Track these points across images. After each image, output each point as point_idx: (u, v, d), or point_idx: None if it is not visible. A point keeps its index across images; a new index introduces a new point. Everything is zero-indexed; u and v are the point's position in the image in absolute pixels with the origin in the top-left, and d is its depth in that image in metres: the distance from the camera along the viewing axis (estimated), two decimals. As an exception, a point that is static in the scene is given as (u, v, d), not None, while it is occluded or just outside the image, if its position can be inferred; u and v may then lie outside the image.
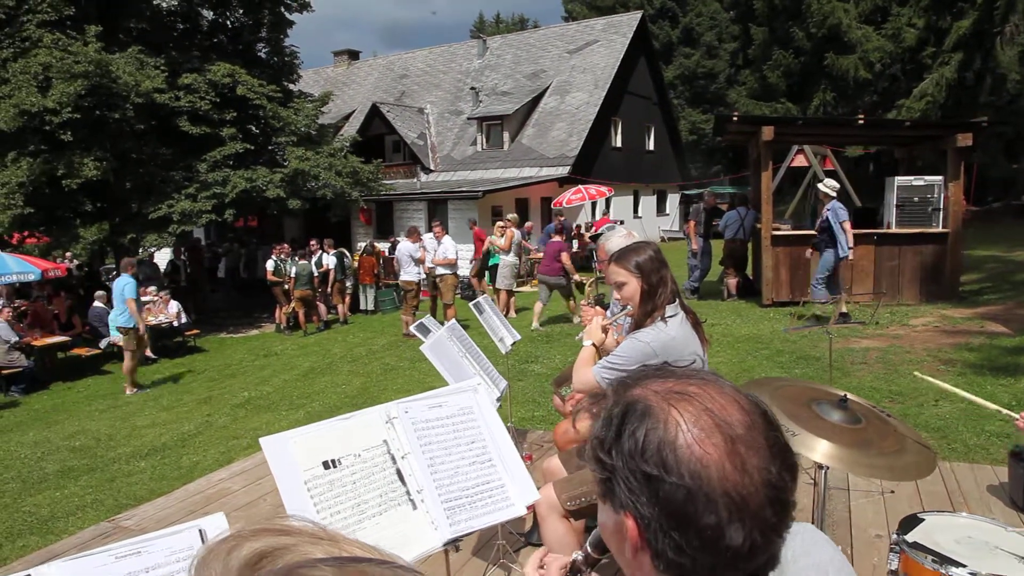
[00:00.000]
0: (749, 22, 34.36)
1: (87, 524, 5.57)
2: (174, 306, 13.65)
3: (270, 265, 14.53)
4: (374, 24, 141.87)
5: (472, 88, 26.19)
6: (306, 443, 2.09)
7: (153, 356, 12.95)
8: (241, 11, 18.06)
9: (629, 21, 26.57)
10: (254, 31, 18.42)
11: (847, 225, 10.03)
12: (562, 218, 19.14)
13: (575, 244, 19.75)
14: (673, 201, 31.17)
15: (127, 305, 10.43)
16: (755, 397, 0.85)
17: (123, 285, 10.49)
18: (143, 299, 13.73)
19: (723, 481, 0.77)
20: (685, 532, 0.78)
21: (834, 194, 10.27)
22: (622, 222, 23.14)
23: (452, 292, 12.55)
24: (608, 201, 24.17)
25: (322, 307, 14.79)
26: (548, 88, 25.19)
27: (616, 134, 26.04)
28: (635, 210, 27.58)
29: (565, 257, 11.80)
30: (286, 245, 15.29)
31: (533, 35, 29.23)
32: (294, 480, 1.98)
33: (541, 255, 12.72)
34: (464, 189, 20.14)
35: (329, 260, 14.75)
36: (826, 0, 27.82)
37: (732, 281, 13.01)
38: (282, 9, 18.30)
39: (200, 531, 1.73)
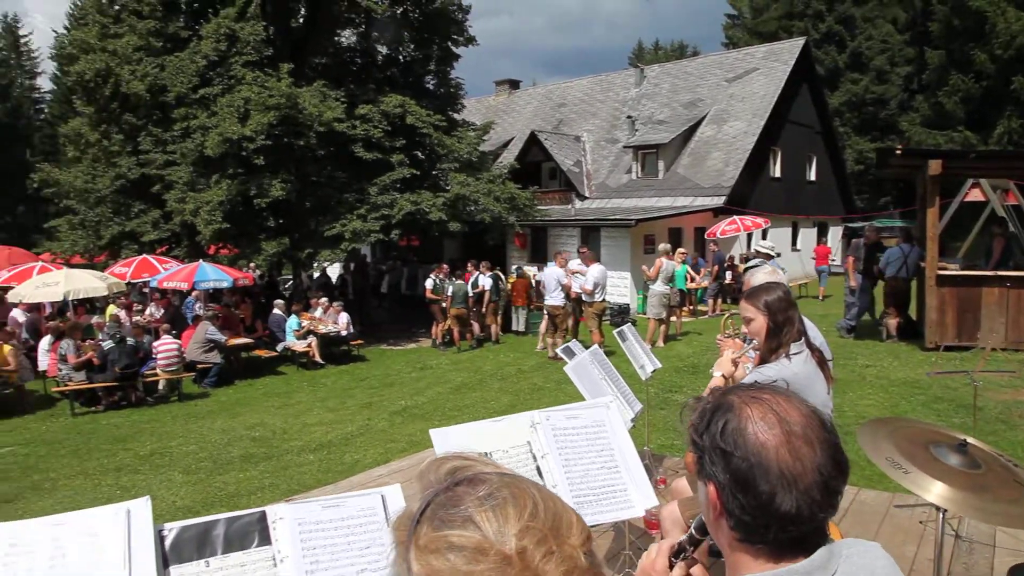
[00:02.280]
0: (924, 45, 32.45)
1: (266, 503, 6.32)
2: (344, 317, 14.81)
3: (429, 283, 15.45)
4: (534, 53, 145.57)
5: (628, 117, 26.49)
6: (465, 436, 2.49)
7: (321, 362, 14.12)
8: (412, 46, 19.44)
9: (791, 48, 25.92)
10: (423, 64, 19.74)
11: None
12: (715, 248, 19.05)
13: (728, 275, 19.49)
14: (835, 234, 29.85)
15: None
16: (818, 410, 1.17)
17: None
18: (315, 309, 15.05)
19: (778, 461, 1.09)
20: (747, 495, 1.10)
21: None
22: (779, 254, 22.49)
23: (596, 319, 12.83)
24: (764, 233, 23.59)
25: (476, 326, 15.51)
26: (705, 117, 25.03)
27: (775, 164, 25.39)
28: (793, 243, 26.68)
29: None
30: (445, 265, 16.18)
31: (691, 64, 29.16)
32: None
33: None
34: (617, 217, 20.40)
35: (485, 281, 15.46)
36: (1015, 19, 25.83)
37: (892, 322, 12.42)
38: (449, 44, 19.53)
39: (382, 496, 2.13)
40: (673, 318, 14.35)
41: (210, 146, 14.72)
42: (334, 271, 22.61)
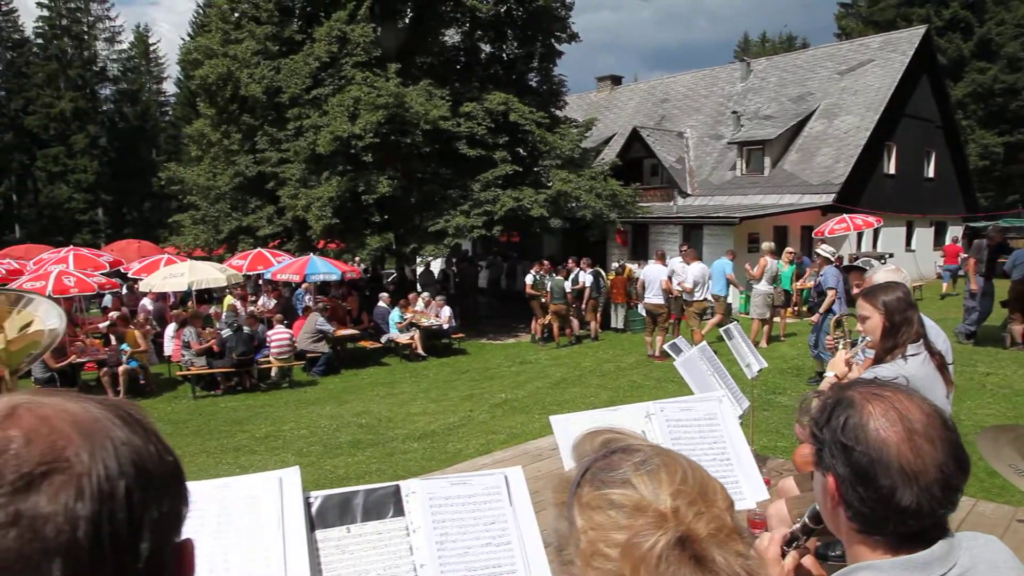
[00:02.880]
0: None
1: (375, 488, 6.57)
2: (446, 311, 15.14)
3: (529, 279, 15.58)
4: (636, 48, 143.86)
5: (733, 112, 25.85)
6: (583, 424, 2.55)
7: (423, 354, 14.48)
8: (516, 44, 19.62)
9: (910, 37, 24.63)
10: (526, 62, 19.88)
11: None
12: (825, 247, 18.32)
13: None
14: (955, 234, 28.20)
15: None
16: (939, 408, 1.19)
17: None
18: (417, 303, 15.43)
19: (899, 457, 1.12)
20: (867, 488, 1.14)
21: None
22: (891, 255, 21.49)
23: (697, 317, 12.59)
24: (876, 232, 22.57)
25: (575, 322, 15.54)
26: (815, 111, 24.14)
27: (889, 160, 24.22)
28: (908, 243, 25.39)
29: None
30: (545, 261, 16.29)
31: (801, 56, 28.15)
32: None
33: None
34: (720, 215, 19.98)
35: (585, 278, 15.47)
36: None
37: (1018, 328, 11.66)
38: (552, 41, 19.59)
39: (505, 476, 2.22)
40: (776, 319, 13.96)
41: (322, 144, 15.34)
42: (436, 266, 23.12)
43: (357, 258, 19.00)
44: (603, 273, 16.80)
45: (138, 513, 0.61)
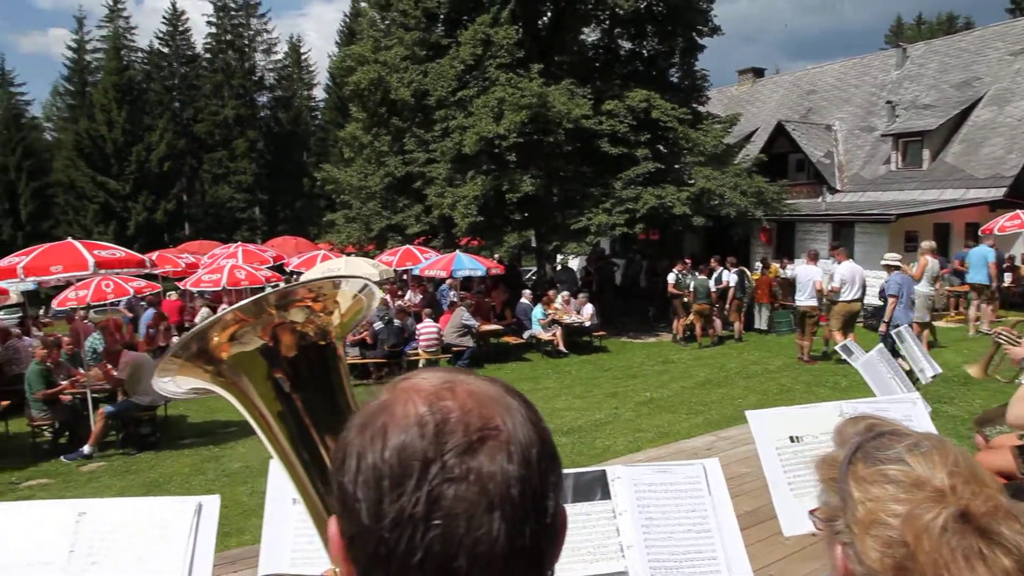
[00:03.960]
0: None
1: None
2: (588, 308, 15.24)
3: (671, 278, 15.43)
4: (778, 37, 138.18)
5: (888, 102, 24.39)
6: (778, 419, 2.59)
7: (565, 351, 14.66)
8: (656, 40, 19.41)
9: (1100, 16, 22.37)
10: (667, 57, 19.65)
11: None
12: (993, 246, 17.03)
13: (1007, 277, 17.35)
14: None
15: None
16: None
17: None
18: (557, 300, 15.62)
19: None
20: None
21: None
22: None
23: (839, 318, 11.96)
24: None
25: (718, 322, 15.25)
26: (982, 98, 22.36)
27: (1073, 150, 22.09)
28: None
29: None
30: (688, 260, 16.07)
31: (965, 38, 26.12)
32: (768, 445, 2.48)
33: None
34: (874, 212, 18.95)
35: (730, 277, 15.13)
36: None
37: None
38: (694, 35, 19.24)
39: (703, 467, 2.30)
40: (940, 323, 13.12)
41: (468, 145, 15.83)
42: (574, 263, 23.25)
43: (496, 255, 19.46)
44: (748, 272, 16.37)
45: (544, 476, 0.71)
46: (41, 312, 20.66)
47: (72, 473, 8.49)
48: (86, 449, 8.91)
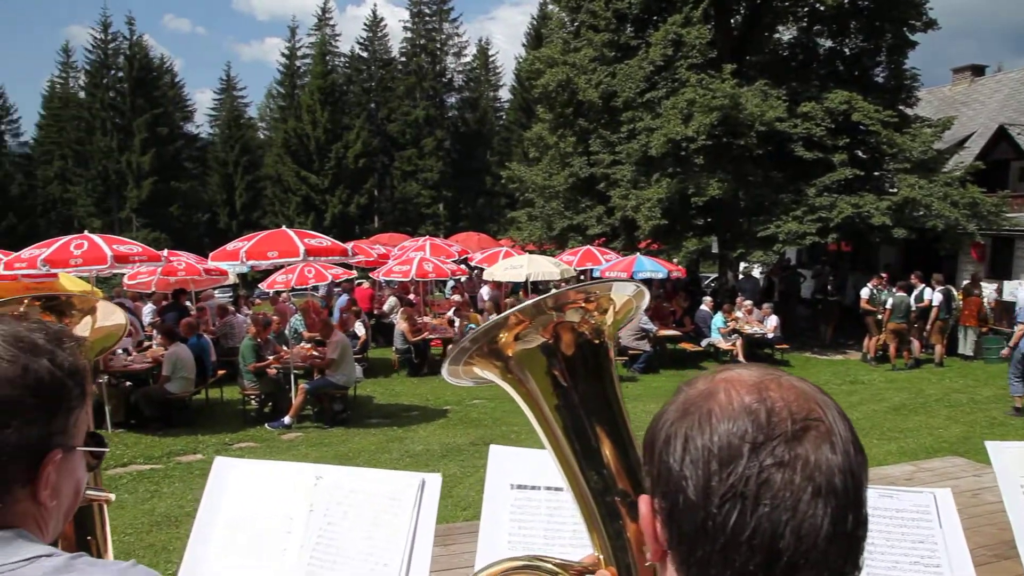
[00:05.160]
0: None
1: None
2: (773, 320, 14.59)
3: (865, 293, 14.46)
4: (1001, 30, 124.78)
5: None
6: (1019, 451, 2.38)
7: (744, 362, 14.11)
8: (860, 37, 18.17)
9: None
10: (872, 56, 18.37)
11: None
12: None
13: None
14: None
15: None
16: None
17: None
18: (739, 309, 15.11)
19: None
20: None
21: None
22: None
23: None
24: None
25: (916, 343, 14.09)
26: None
27: None
28: None
29: None
30: (884, 274, 14.98)
31: None
32: (1013, 482, 2.28)
33: None
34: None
35: (934, 296, 13.95)
36: None
37: None
38: (905, 30, 17.80)
39: (934, 496, 2.14)
40: None
41: (655, 146, 15.67)
42: (756, 272, 22.35)
43: (675, 260, 19.12)
44: (954, 292, 14.99)
45: (861, 468, 0.70)
46: (247, 292, 22.79)
47: (274, 440, 9.32)
48: (287, 420, 9.76)
